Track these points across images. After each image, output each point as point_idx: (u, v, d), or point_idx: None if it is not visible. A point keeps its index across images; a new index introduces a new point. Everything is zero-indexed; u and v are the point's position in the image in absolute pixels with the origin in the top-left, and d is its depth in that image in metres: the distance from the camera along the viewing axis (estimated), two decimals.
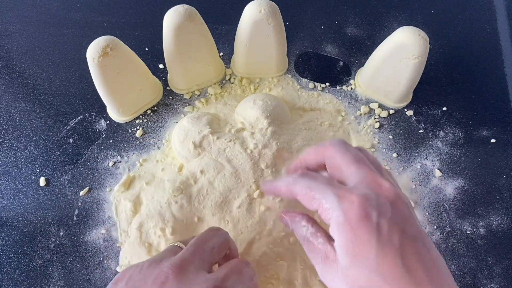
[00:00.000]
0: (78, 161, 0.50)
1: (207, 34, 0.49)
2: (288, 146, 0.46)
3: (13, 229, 0.46)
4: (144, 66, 0.51)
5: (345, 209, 0.28)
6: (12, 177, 0.49)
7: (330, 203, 0.29)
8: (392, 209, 0.28)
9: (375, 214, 0.28)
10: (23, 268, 0.44)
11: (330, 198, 0.29)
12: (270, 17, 0.46)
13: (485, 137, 0.52)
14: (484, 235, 0.46)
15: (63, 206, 0.47)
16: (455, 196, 0.48)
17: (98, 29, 0.62)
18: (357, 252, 0.27)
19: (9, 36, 0.61)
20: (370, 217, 0.27)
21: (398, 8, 0.65)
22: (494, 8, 0.65)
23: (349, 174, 0.31)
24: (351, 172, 0.31)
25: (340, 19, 0.63)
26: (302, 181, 0.32)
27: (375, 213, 0.28)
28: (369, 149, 0.50)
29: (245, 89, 0.55)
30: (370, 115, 0.54)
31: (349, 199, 0.28)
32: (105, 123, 0.53)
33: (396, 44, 0.46)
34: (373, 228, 0.27)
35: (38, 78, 0.57)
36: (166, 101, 0.55)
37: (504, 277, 0.44)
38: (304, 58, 0.59)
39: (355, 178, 0.31)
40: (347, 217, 0.28)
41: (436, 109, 0.54)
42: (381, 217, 0.28)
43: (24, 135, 0.52)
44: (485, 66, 0.59)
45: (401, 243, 0.27)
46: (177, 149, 0.47)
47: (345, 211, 0.28)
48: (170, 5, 0.46)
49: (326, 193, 0.30)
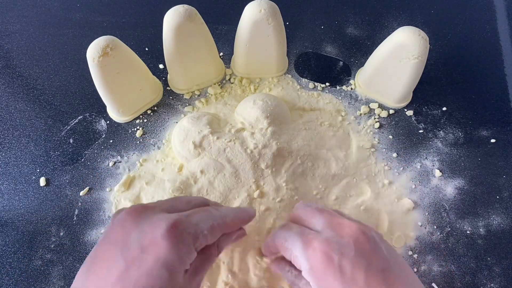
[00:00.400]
0: (78, 161, 0.50)
1: (207, 34, 0.49)
2: (288, 146, 0.46)
3: (13, 229, 0.46)
4: (144, 66, 0.51)
5: (309, 256, 0.30)
6: (12, 177, 0.49)
7: (298, 251, 0.31)
8: (356, 246, 0.30)
9: (337, 257, 0.29)
10: (23, 268, 0.44)
11: (298, 246, 0.31)
12: (270, 17, 0.46)
13: (485, 137, 0.52)
14: (484, 235, 0.46)
15: (63, 206, 0.47)
16: (455, 196, 0.48)
17: (98, 29, 0.62)
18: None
19: (9, 36, 0.61)
20: (332, 261, 0.29)
21: (398, 8, 0.65)
22: (494, 8, 0.65)
23: (315, 223, 0.33)
24: (315, 221, 0.33)
25: (340, 19, 0.63)
26: (279, 233, 0.34)
27: (337, 256, 0.29)
28: (369, 149, 0.50)
29: (245, 89, 0.55)
30: (370, 115, 0.54)
31: (312, 246, 0.30)
32: (105, 123, 0.53)
33: (396, 44, 0.46)
34: (336, 271, 0.29)
35: (38, 78, 0.57)
36: (166, 101, 0.55)
37: (504, 277, 0.44)
38: (304, 58, 0.59)
39: (320, 225, 0.33)
40: (311, 264, 0.30)
41: (436, 109, 0.54)
42: (343, 258, 0.29)
43: (24, 135, 0.52)
44: (485, 66, 0.59)
45: (366, 280, 0.28)
46: (177, 149, 0.47)
47: (309, 258, 0.30)
48: (170, 5, 0.46)
49: (295, 243, 0.32)
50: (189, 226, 0.30)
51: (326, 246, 0.30)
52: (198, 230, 0.30)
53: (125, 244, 0.28)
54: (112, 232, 0.30)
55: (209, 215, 0.32)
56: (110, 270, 0.28)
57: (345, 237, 0.30)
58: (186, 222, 0.30)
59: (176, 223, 0.29)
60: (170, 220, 0.29)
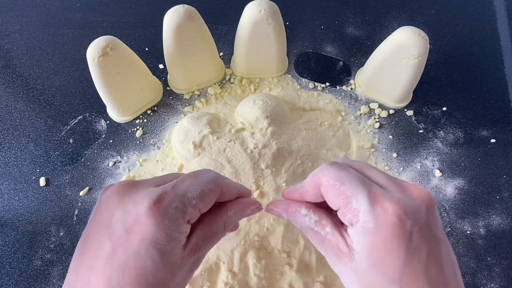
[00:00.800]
0: (78, 161, 0.50)
1: (207, 34, 0.49)
2: (288, 146, 0.46)
3: (13, 229, 0.46)
4: (144, 66, 0.51)
5: (377, 216, 0.26)
6: (12, 177, 0.49)
7: (361, 204, 0.26)
8: (428, 213, 0.27)
9: (409, 224, 0.26)
10: (23, 268, 0.44)
11: (361, 198, 0.26)
12: (270, 17, 0.46)
13: (485, 137, 0.52)
14: (484, 235, 0.46)
15: (63, 206, 0.47)
16: (455, 196, 0.48)
17: (98, 29, 0.62)
18: (381, 261, 0.26)
19: (9, 36, 0.61)
20: (404, 226, 0.25)
21: (398, 8, 0.65)
22: (494, 8, 0.65)
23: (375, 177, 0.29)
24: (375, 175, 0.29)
25: (340, 19, 0.63)
26: (331, 170, 0.28)
27: (409, 222, 0.26)
28: (369, 149, 0.50)
29: (245, 89, 0.55)
30: (370, 115, 0.54)
31: (382, 204, 0.26)
32: (105, 123, 0.53)
33: (396, 44, 0.46)
34: (404, 239, 0.25)
35: (38, 78, 0.57)
36: (166, 101, 0.55)
37: (504, 277, 0.44)
38: (304, 58, 0.59)
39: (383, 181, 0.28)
40: (379, 225, 0.26)
41: (436, 109, 0.54)
42: (414, 225, 0.26)
43: (24, 135, 0.52)
44: (485, 66, 0.59)
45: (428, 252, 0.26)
46: (177, 149, 0.47)
47: (378, 218, 0.26)
48: (170, 5, 0.46)
49: (357, 192, 0.27)
50: (175, 198, 0.27)
51: (400, 209, 0.26)
52: (186, 201, 0.28)
53: (109, 224, 0.27)
54: (98, 212, 0.28)
55: (197, 180, 0.29)
56: (99, 252, 0.26)
57: (417, 201, 0.27)
58: (171, 195, 0.27)
59: (159, 198, 0.27)
60: (152, 196, 0.27)
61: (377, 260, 0.26)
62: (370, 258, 0.26)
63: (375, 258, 0.26)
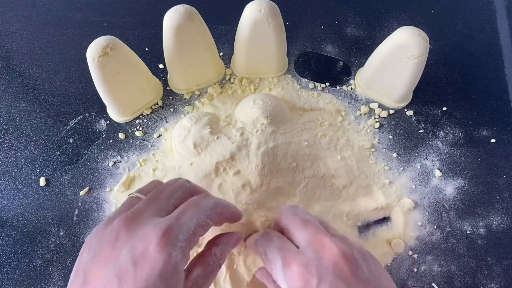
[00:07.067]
0: (78, 161, 0.50)
1: (207, 34, 0.49)
2: (287, 146, 0.46)
3: (13, 229, 0.46)
4: (144, 66, 0.51)
5: (287, 277, 0.30)
6: (12, 177, 0.49)
7: (277, 269, 0.31)
8: (334, 270, 0.29)
9: (315, 282, 0.29)
10: (23, 268, 0.44)
11: (277, 264, 0.31)
12: (270, 17, 0.46)
13: (485, 137, 0.52)
14: (484, 235, 0.46)
15: (63, 206, 0.47)
16: (455, 196, 0.48)
17: (98, 29, 0.62)
18: None
19: (9, 36, 0.61)
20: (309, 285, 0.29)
21: (398, 8, 0.65)
22: (494, 8, 0.65)
23: (297, 237, 0.33)
24: (298, 235, 0.33)
25: (340, 19, 0.63)
26: (259, 244, 0.34)
27: (315, 280, 0.29)
28: (369, 149, 0.50)
29: (245, 89, 0.55)
30: (370, 115, 0.54)
31: (291, 267, 0.30)
32: (105, 123, 0.53)
33: (396, 44, 0.46)
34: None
35: (38, 78, 0.57)
36: (166, 101, 0.55)
37: (504, 277, 0.44)
38: (304, 58, 0.59)
39: (303, 240, 0.32)
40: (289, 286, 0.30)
41: (436, 109, 0.54)
42: (321, 283, 0.29)
43: (24, 135, 0.52)
44: (485, 66, 0.59)
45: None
46: (177, 149, 0.47)
47: (288, 279, 0.30)
48: (170, 5, 0.46)
49: (275, 259, 0.32)
50: (180, 230, 0.29)
51: (305, 270, 0.29)
52: (191, 232, 0.30)
53: (117, 262, 0.28)
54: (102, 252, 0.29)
55: (198, 210, 0.31)
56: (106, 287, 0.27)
57: (325, 260, 0.30)
58: (176, 227, 0.29)
59: (166, 232, 0.28)
60: (159, 231, 0.28)
61: None
62: None
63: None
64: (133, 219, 0.30)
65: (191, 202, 0.32)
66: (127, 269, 0.27)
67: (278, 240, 0.33)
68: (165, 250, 0.27)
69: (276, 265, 0.31)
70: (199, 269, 0.31)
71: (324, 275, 0.29)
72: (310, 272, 0.29)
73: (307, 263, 0.30)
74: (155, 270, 0.27)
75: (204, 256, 0.33)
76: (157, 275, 0.27)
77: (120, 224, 0.29)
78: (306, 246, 0.32)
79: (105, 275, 0.27)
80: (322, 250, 0.31)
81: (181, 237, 0.29)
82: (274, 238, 0.34)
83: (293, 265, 0.30)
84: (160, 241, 0.28)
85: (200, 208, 0.32)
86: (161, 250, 0.27)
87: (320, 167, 0.47)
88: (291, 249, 0.32)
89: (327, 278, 0.29)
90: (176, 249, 0.28)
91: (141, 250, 0.28)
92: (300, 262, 0.30)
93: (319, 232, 0.32)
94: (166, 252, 0.27)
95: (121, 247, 0.28)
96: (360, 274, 0.30)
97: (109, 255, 0.28)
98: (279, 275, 0.31)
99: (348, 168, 0.48)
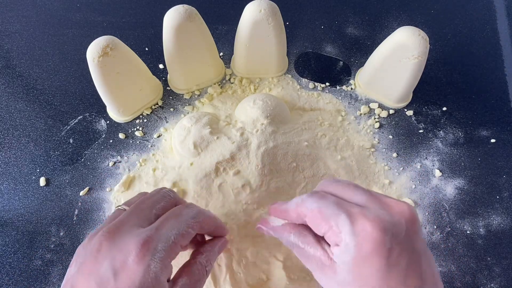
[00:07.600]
0: (78, 161, 0.50)
1: (207, 34, 0.49)
2: (287, 146, 0.46)
3: (13, 229, 0.46)
4: (144, 66, 0.51)
5: (358, 234, 0.28)
6: (12, 177, 0.49)
7: (342, 226, 0.28)
8: (407, 227, 0.28)
9: (388, 239, 0.27)
10: (23, 268, 0.44)
11: (341, 221, 0.28)
12: (270, 17, 0.46)
13: (485, 137, 0.52)
14: (484, 235, 0.46)
15: (63, 206, 0.47)
16: (455, 196, 0.48)
17: (98, 29, 0.62)
18: (362, 274, 0.27)
19: (9, 36, 0.61)
20: (384, 242, 0.27)
21: (398, 8, 0.65)
22: (494, 8, 0.65)
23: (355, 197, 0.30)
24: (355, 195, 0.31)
25: (340, 19, 0.63)
26: (311, 201, 0.31)
27: (388, 238, 0.27)
28: (369, 149, 0.50)
29: (245, 89, 0.55)
30: (370, 115, 0.54)
31: (361, 222, 0.28)
32: (105, 123, 0.53)
33: (396, 44, 0.46)
34: (383, 254, 0.27)
35: (38, 78, 0.57)
36: (166, 101, 0.55)
37: (504, 277, 0.44)
38: (304, 58, 0.59)
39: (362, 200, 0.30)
40: (359, 242, 0.27)
41: (436, 109, 0.54)
42: (394, 240, 0.27)
43: (24, 135, 0.52)
44: (485, 66, 0.59)
45: (408, 264, 0.27)
46: (177, 149, 0.47)
47: (358, 236, 0.27)
48: (170, 5, 0.46)
49: (337, 215, 0.29)
50: (159, 241, 0.29)
51: (378, 225, 0.27)
52: (170, 242, 0.30)
53: (99, 273, 0.28)
54: (85, 263, 0.29)
55: (179, 219, 0.31)
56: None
57: (396, 216, 0.28)
58: (155, 238, 0.29)
59: (144, 243, 0.28)
60: (137, 242, 0.28)
61: (359, 274, 0.28)
62: (352, 272, 0.28)
63: (356, 272, 0.28)
64: (115, 230, 0.30)
65: (172, 212, 0.32)
66: (108, 281, 0.27)
67: (334, 198, 0.30)
68: (144, 261, 0.28)
69: (337, 221, 0.28)
70: (184, 278, 0.31)
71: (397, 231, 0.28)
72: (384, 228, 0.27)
73: (380, 219, 0.28)
74: (135, 282, 0.27)
75: (189, 265, 0.33)
76: (137, 286, 0.27)
77: (102, 236, 0.30)
78: (369, 204, 0.29)
79: (88, 286, 0.28)
80: (389, 207, 0.29)
81: (160, 247, 0.29)
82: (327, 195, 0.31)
83: (362, 220, 0.28)
84: (139, 252, 0.28)
85: (181, 217, 0.32)
86: (140, 261, 0.28)
87: (320, 167, 0.47)
88: (353, 205, 0.29)
89: (400, 234, 0.28)
90: (155, 259, 0.28)
91: (121, 262, 0.28)
92: (371, 217, 0.28)
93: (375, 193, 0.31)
94: (145, 263, 0.28)
95: (103, 259, 0.28)
96: (421, 234, 0.30)
97: (92, 266, 0.29)
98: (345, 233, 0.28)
99: (348, 168, 0.48)
